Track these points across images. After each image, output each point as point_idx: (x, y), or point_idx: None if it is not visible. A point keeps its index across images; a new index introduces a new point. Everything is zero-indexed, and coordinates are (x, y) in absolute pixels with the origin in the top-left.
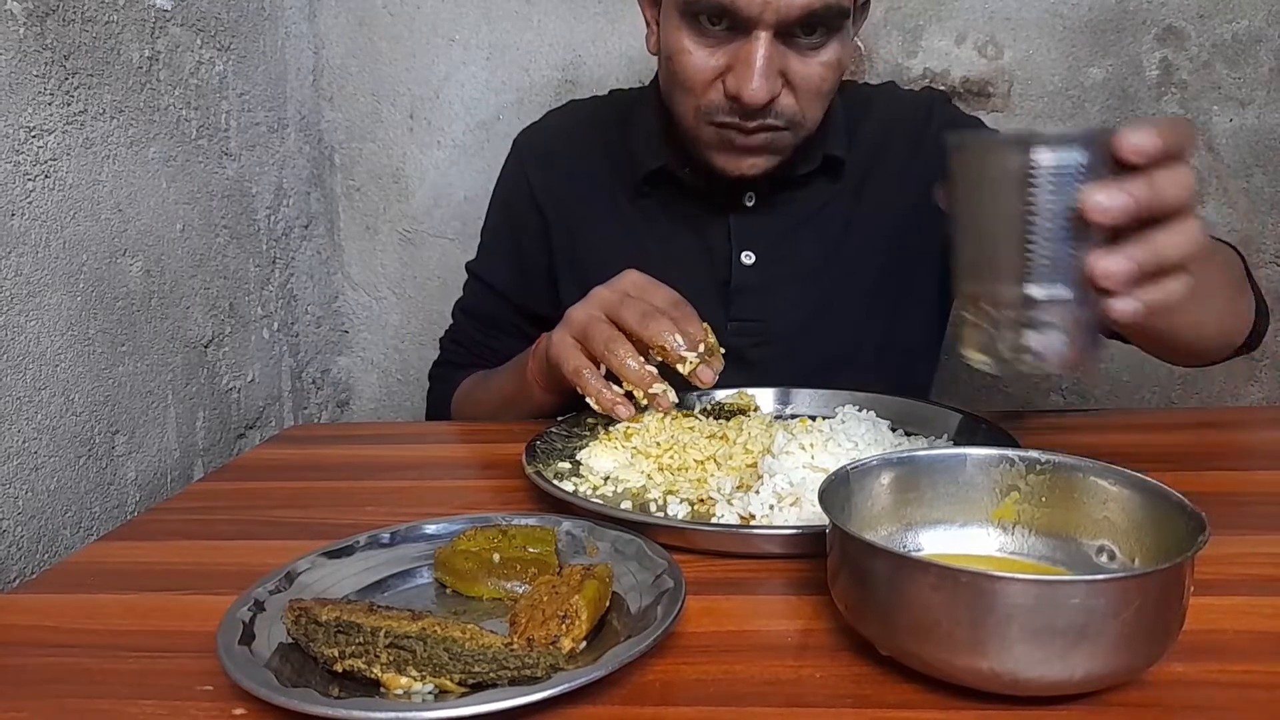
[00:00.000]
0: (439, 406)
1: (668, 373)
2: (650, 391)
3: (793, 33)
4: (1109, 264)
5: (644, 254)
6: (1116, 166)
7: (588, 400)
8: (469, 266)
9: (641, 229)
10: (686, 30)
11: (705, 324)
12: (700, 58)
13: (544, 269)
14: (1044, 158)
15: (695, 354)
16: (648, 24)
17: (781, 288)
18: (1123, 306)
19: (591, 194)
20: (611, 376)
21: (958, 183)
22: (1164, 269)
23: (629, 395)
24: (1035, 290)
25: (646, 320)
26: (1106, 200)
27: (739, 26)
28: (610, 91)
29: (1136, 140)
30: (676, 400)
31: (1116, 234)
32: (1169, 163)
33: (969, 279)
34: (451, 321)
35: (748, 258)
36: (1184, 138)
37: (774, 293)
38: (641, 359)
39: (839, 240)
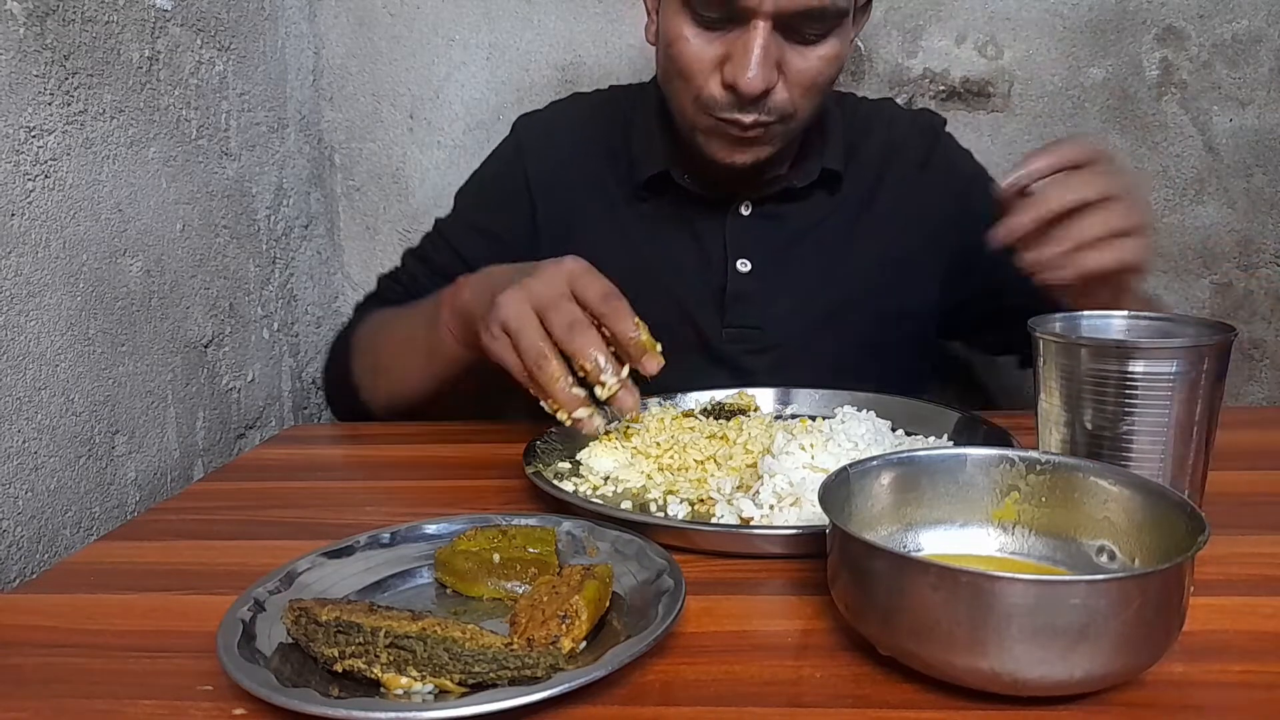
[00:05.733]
0: (340, 341)
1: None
2: (574, 416)
3: (791, 25)
4: None
5: (639, 257)
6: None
7: (542, 404)
8: (438, 223)
9: (637, 232)
10: (686, 18)
11: (638, 320)
12: (698, 46)
13: (523, 257)
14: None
15: (616, 379)
16: (648, 13)
17: (777, 297)
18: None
19: (588, 192)
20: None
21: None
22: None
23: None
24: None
25: (573, 333)
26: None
27: (737, 16)
28: (610, 87)
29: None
30: (603, 426)
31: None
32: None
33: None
34: (399, 265)
35: (743, 265)
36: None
37: (769, 301)
38: (571, 379)
39: (836, 253)
